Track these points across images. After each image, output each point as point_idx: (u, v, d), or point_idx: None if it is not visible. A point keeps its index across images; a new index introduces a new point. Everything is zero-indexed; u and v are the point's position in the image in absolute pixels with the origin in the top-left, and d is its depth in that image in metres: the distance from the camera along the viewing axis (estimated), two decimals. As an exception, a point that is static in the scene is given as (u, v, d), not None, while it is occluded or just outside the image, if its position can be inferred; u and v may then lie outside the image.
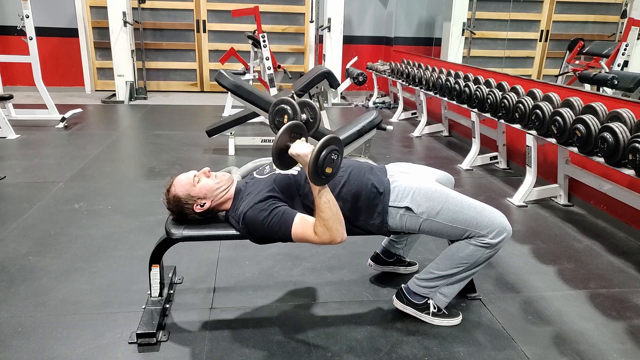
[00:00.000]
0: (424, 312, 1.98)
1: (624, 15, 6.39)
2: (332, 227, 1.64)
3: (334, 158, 1.61)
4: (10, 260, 2.40)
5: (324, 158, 1.58)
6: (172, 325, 1.94)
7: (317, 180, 1.62)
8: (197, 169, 1.90)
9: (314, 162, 1.57)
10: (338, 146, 1.62)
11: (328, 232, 1.64)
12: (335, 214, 1.65)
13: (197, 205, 1.80)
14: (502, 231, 1.81)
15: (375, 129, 3.67)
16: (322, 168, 1.59)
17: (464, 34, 6.74)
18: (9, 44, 6.92)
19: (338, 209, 1.66)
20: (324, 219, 1.63)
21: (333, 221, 1.64)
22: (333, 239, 1.65)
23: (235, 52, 6.53)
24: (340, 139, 1.64)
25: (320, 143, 1.58)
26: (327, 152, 1.58)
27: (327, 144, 1.59)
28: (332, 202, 1.65)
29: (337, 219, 1.65)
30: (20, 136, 4.79)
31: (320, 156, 1.57)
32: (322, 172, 1.60)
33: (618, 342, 1.92)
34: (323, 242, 1.67)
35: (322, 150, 1.58)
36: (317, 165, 1.58)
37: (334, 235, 1.64)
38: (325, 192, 1.64)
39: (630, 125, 2.55)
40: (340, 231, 1.66)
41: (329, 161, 1.60)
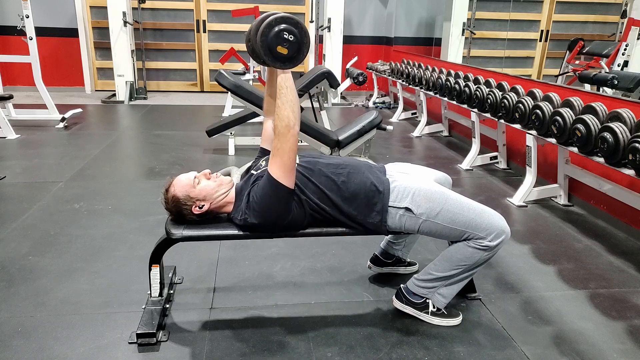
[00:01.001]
0: (422, 311, 1.98)
1: (624, 15, 6.39)
2: (282, 115, 1.62)
3: (288, 38, 1.56)
4: (10, 260, 2.40)
5: (275, 35, 1.54)
6: (172, 325, 1.94)
7: (271, 59, 1.59)
8: (197, 169, 1.90)
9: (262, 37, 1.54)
10: (295, 27, 1.58)
11: (279, 122, 1.62)
12: (289, 100, 1.62)
13: (196, 207, 1.80)
14: (500, 233, 1.82)
15: (375, 129, 3.68)
16: (274, 46, 1.55)
17: (464, 34, 6.74)
18: (9, 44, 6.92)
19: (295, 97, 1.64)
20: (277, 107, 1.63)
21: (284, 107, 1.62)
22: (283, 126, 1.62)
23: (235, 52, 6.53)
24: (298, 21, 1.61)
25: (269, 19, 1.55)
26: (279, 30, 1.55)
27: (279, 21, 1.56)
28: (290, 89, 1.62)
29: (289, 106, 1.62)
30: (20, 136, 4.79)
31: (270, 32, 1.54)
32: (275, 50, 1.56)
33: (618, 342, 1.92)
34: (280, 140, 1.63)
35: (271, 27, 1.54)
36: (267, 41, 1.55)
37: (283, 122, 1.61)
38: (283, 77, 1.62)
39: (630, 125, 2.55)
40: (290, 118, 1.62)
41: (281, 39, 1.55)
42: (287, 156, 1.65)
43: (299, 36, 1.59)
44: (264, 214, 1.73)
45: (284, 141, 1.63)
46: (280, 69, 1.63)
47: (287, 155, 1.65)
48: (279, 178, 1.67)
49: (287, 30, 1.56)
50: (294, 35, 1.58)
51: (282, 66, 1.62)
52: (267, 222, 1.75)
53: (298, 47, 1.60)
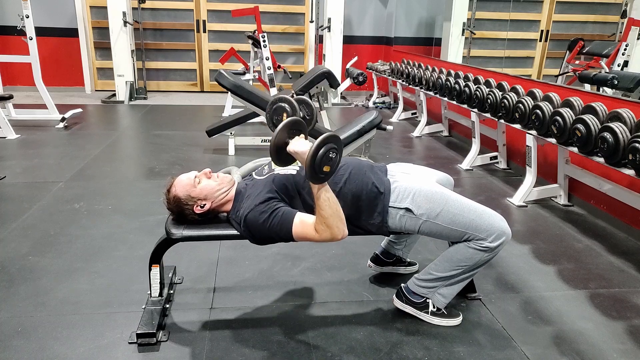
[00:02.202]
0: (422, 311, 1.98)
1: (624, 15, 6.39)
2: (332, 225, 1.63)
3: (332, 156, 1.58)
4: (10, 260, 2.40)
5: (321, 156, 1.56)
6: (172, 325, 1.94)
7: (315, 179, 1.60)
8: (197, 169, 1.90)
9: (311, 160, 1.55)
10: (337, 144, 1.60)
11: (329, 229, 1.63)
12: (336, 211, 1.64)
13: (197, 206, 1.80)
14: (501, 235, 1.81)
15: (375, 129, 3.67)
16: (319, 166, 1.57)
17: (464, 34, 6.74)
18: (9, 44, 6.92)
19: (338, 206, 1.65)
20: (324, 217, 1.63)
21: (333, 219, 1.63)
22: (334, 236, 1.64)
23: (235, 52, 6.53)
24: (339, 137, 1.63)
25: (319, 141, 1.56)
26: (325, 150, 1.56)
27: (326, 141, 1.57)
28: (332, 200, 1.64)
29: (337, 216, 1.64)
30: (20, 136, 4.79)
31: (318, 154, 1.55)
32: (320, 170, 1.58)
33: (618, 342, 1.92)
34: (324, 240, 1.66)
35: (320, 148, 1.56)
36: (314, 164, 1.56)
37: (335, 232, 1.64)
38: (324, 190, 1.63)
39: (630, 125, 2.55)
40: (340, 228, 1.65)
41: (327, 159, 1.57)
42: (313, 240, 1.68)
43: (339, 151, 1.61)
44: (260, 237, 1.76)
45: (327, 241, 1.68)
46: (317, 183, 1.62)
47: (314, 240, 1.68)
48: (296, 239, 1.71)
49: (332, 149, 1.58)
50: (337, 151, 1.60)
51: (321, 182, 1.62)
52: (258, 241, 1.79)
53: (338, 162, 1.63)
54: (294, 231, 1.69)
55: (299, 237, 1.70)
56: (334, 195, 1.66)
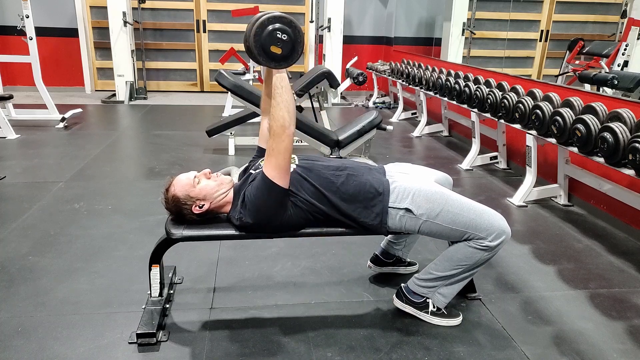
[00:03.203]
0: (422, 310, 1.98)
1: (624, 15, 6.39)
2: (277, 115, 1.61)
3: (280, 37, 1.55)
4: (10, 260, 2.40)
5: (268, 34, 1.54)
6: (172, 325, 1.94)
7: (265, 59, 1.59)
8: (197, 169, 1.90)
9: (255, 37, 1.54)
10: (289, 26, 1.57)
11: (274, 122, 1.61)
12: (285, 100, 1.61)
13: (196, 207, 1.80)
14: (501, 234, 1.82)
15: (375, 129, 3.68)
16: (267, 45, 1.55)
17: (464, 34, 6.74)
18: (9, 44, 6.92)
19: (290, 98, 1.63)
20: (272, 107, 1.62)
21: (279, 108, 1.61)
22: (278, 127, 1.61)
23: (235, 52, 6.53)
24: (292, 20, 1.59)
25: (262, 18, 1.54)
26: (273, 29, 1.54)
27: (272, 20, 1.55)
28: (285, 89, 1.61)
29: (285, 106, 1.61)
30: (20, 136, 4.79)
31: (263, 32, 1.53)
32: (268, 50, 1.56)
33: (618, 342, 1.92)
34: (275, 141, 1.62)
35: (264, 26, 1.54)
36: (260, 41, 1.54)
37: (278, 123, 1.61)
38: (278, 77, 1.62)
39: (630, 125, 2.55)
40: (285, 118, 1.61)
41: (275, 39, 1.54)
42: (282, 157, 1.65)
43: (292, 35, 1.59)
44: (257, 213, 1.73)
45: (278, 141, 1.63)
46: (275, 68, 1.63)
47: (282, 156, 1.65)
48: (274, 178, 1.67)
49: (280, 30, 1.56)
50: (288, 34, 1.57)
51: (276, 65, 1.62)
52: (261, 221, 1.75)
53: (292, 46, 1.60)
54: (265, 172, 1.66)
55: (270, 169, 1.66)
56: (288, 86, 1.64)
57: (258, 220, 1.74)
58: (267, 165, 1.67)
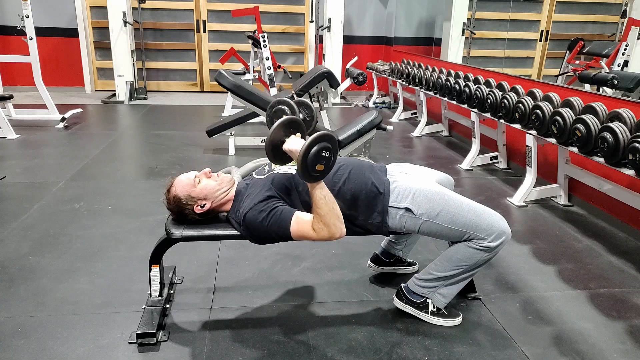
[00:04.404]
0: (422, 310, 1.98)
1: (624, 15, 6.38)
2: (329, 223, 1.63)
3: (325, 155, 1.57)
4: (10, 260, 2.40)
5: (314, 154, 1.55)
6: (172, 325, 1.94)
7: (308, 177, 1.60)
8: (197, 169, 1.90)
9: (303, 158, 1.54)
10: (331, 144, 1.59)
11: (326, 227, 1.63)
12: (332, 209, 1.63)
13: (197, 206, 1.80)
14: (501, 234, 1.82)
15: (375, 129, 3.67)
16: (312, 165, 1.56)
17: (464, 34, 6.74)
18: (9, 44, 6.93)
19: (335, 205, 1.65)
20: (321, 215, 1.63)
21: (330, 217, 1.63)
22: (332, 234, 1.64)
23: (235, 52, 6.53)
24: (334, 137, 1.61)
25: (311, 139, 1.55)
26: (318, 149, 1.55)
27: (319, 140, 1.56)
28: (329, 198, 1.64)
29: (334, 214, 1.64)
30: (20, 136, 4.79)
31: (310, 152, 1.54)
32: (313, 169, 1.57)
33: (618, 342, 1.92)
34: (322, 238, 1.66)
35: (312, 146, 1.54)
36: (306, 162, 1.54)
37: (332, 230, 1.64)
38: (319, 188, 1.63)
39: (630, 125, 2.55)
40: (338, 226, 1.65)
41: (320, 158, 1.56)
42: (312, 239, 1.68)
43: (334, 150, 1.60)
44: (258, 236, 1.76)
45: (325, 240, 1.66)
46: (310, 182, 1.62)
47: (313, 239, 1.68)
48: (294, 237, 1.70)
49: (325, 148, 1.57)
50: (330, 150, 1.58)
51: (314, 181, 1.62)
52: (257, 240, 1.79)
53: (333, 162, 1.62)
54: (291, 230, 1.68)
55: (297, 236, 1.70)
56: (330, 194, 1.65)
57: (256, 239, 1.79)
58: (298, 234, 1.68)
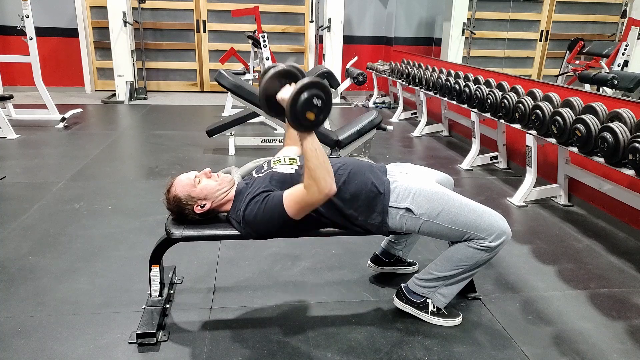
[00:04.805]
0: (422, 310, 1.98)
1: (624, 15, 6.39)
2: (318, 177, 1.60)
3: (316, 104, 1.53)
4: (10, 260, 2.40)
5: (304, 101, 1.52)
6: (172, 325, 1.94)
7: (298, 126, 1.57)
8: (197, 169, 1.90)
9: (291, 105, 1.52)
10: (324, 92, 1.55)
11: (315, 183, 1.60)
12: (322, 163, 1.60)
13: (197, 206, 1.80)
14: (501, 234, 1.82)
15: (375, 129, 3.67)
16: (301, 112, 1.53)
17: (464, 34, 6.74)
18: (9, 44, 6.92)
19: (326, 158, 1.62)
20: (310, 169, 1.60)
21: (320, 170, 1.60)
22: (320, 189, 1.61)
23: (235, 52, 6.53)
24: (325, 85, 1.57)
25: (300, 83, 1.52)
26: (308, 96, 1.52)
27: (308, 86, 1.53)
28: (320, 151, 1.60)
29: (324, 168, 1.61)
30: (20, 136, 4.79)
31: (299, 98, 1.51)
32: (303, 117, 1.54)
33: (618, 342, 1.92)
34: (313, 197, 1.63)
35: (301, 92, 1.51)
36: (295, 109, 1.52)
37: (321, 185, 1.60)
38: (310, 140, 1.60)
39: (630, 125, 2.55)
40: (327, 181, 1.61)
41: (310, 106, 1.53)
42: (310, 208, 1.68)
43: (326, 100, 1.57)
44: (261, 230, 1.76)
45: (316, 200, 1.64)
46: (302, 132, 1.60)
47: (310, 208, 1.68)
48: (292, 214, 1.69)
49: (317, 96, 1.54)
50: (322, 99, 1.55)
51: (307, 131, 1.60)
52: (262, 236, 1.79)
53: (326, 112, 1.58)
54: (285, 204, 1.67)
55: (292, 206, 1.67)
56: (321, 147, 1.62)
57: (259, 236, 1.79)
58: (292, 207, 1.67)
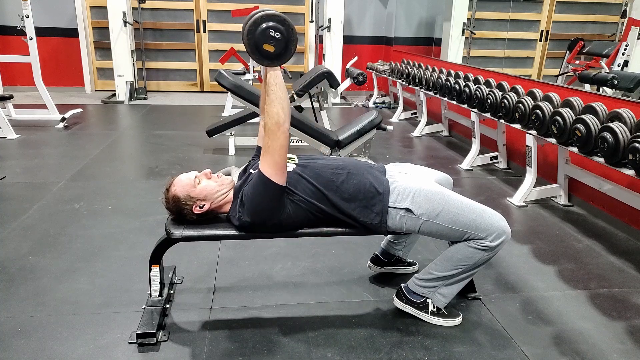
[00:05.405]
0: (422, 310, 1.98)
1: (624, 15, 6.39)
2: (272, 112, 1.62)
3: (274, 35, 1.55)
4: (10, 260, 2.40)
5: (260, 32, 1.54)
6: (172, 325, 1.94)
7: (258, 58, 1.59)
8: (197, 169, 1.91)
9: (248, 35, 1.54)
10: (283, 26, 1.57)
11: (269, 119, 1.62)
12: (279, 97, 1.62)
13: (196, 207, 1.80)
14: (501, 234, 1.82)
15: (375, 129, 3.67)
16: (259, 43, 1.55)
17: (464, 34, 6.74)
18: (9, 44, 6.92)
19: (285, 95, 1.63)
20: (268, 104, 1.63)
21: (274, 105, 1.62)
22: (272, 124, 1.62)
23: (235, 52, 6.53)
24: (285, 18, 1.59)
25: (256, 15, 1.54)
26: (266, 27, 1.54)
27: (265, 18, 1.55)
28: (279, 86, 1.62)
29: (279, 103, 1.62)
30: (20, 136, 4.79)
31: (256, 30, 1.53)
32: (261, 48, 1.56)
33: (618, 342, 1.92)
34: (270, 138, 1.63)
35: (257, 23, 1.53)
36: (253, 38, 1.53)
37: (273, 119, 1.61)
38: (272, 74, 1.63)
39: (630, 125, 2.55)
40: (280, 115, 1.61)
41: (268, 38, 1.54)
42: (277, 154, 1.65)
43: (285, 33, 1.59)
44: (255, 211, 1.73)
45: (274, 139, 1.64)
46: (268, 66, 1.63)
47: (277, 153, 1.65)
48: (270, 175, 1.67)
49: (273, 28, 1.56)
50: (281, 32, 1.57)
51: (269, 64, 1.63)
52: (259, 220, 1.75)
53: (285, 45, 1.60)
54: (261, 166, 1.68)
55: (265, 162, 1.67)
56: (282, 83, 1.64)
57: (256, 219, 1.74)
58: (264, 163, 1.68)
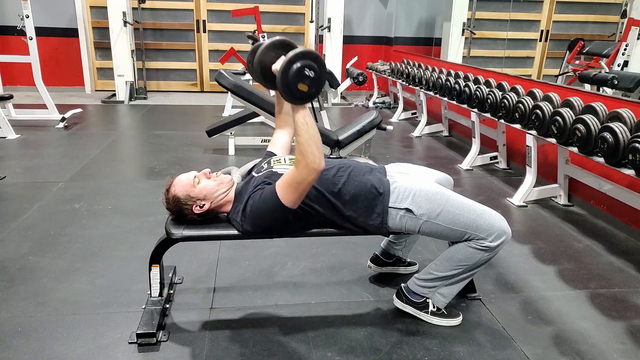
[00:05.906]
0: (422, 310, 1.98)
1: (624, 15, 6.39)
2: (306, 151, 1.55)
3: (308, 74, 1.48)
4: (10, 260, 2.40)
5: (295, 72, 1.47)
6: (172, 325, 1.94)
7: (290, 98, 1.54)
8: (197, 169, 1.91)
9: (282, 76, 1.47)
10: (316, 63, 1.51)
11: (303, 158, 1.56)
12: (312, 136, 1.56)
13: (196, 207, 1.80)
14: (501, 234, 1.82)
15: (375, 129, 3.68)
16: (294, 84, 1.49)
17: (464, 34, 6.74)
18: (9, 44, 6.92)
19: (316, 133, 1.57)
20: (300, 143, 1.56)
21: (308, 144, 1.55)
22: (309, 163, 1.56)
23: (235, 52, 6.52)
24: (318, 55, 1.53)
25: (290, 54, 1.47)
26: (301, 66, 1.47)
27: (301, 57, 1.48)
28: (311, 125, 1.56)
29: (313, 142, 1.56)
30: (20, 136, 4.79)
31: (290, 69, 1.47)
32: (295, 88, 1.50)
33: (618, 342, 1.92)
34: (302, 174, 1.58)
35: (292, 62, 1.47)
36: (287, 79, 1.47)
37: (309, 159, 1.56)
38: (302, 113, 1.56)
39: (630, 125, 2.55)
40: (316, 155, 1.56)
41: (302, 77, 1.48)
42: (303, 188, 1.63)
43: (319, 71, 1.53)
44: (258, 224, 1.75)
45: (305, 176, 1.59)
46: (297, 105, 1.57)
47: (304, 188, 1.63)
48: (286, 202, 1.66)
49: (307, 66, 1.49)
50: (314, 70, 1.51)
51: (299, 103, 1.57)
52: (260, 230, 1.77)
53: (319, 83, 1.54)
54: (277, 189, 1.65)
55: (283, 188, 1.64)
56: (313, 121, 1.58)
57: (258, 230, 1.77)
58: (285, 189, 1.64)
